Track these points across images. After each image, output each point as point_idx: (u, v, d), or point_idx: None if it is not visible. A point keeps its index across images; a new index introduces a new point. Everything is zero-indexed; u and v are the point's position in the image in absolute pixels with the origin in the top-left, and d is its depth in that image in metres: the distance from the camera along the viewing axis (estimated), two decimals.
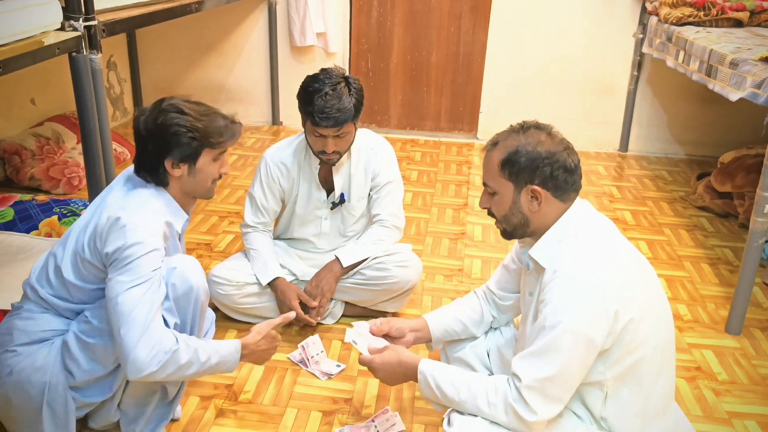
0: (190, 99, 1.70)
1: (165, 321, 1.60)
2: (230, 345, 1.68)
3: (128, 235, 1.53)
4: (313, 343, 2.18)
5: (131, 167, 1.75)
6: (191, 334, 1.68)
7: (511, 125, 1.55)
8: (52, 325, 1.65)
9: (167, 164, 1.63)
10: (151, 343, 1.50)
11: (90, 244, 1.59)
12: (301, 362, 2.18)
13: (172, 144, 1.61)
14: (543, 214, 1.50)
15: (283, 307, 2.26)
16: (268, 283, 2.27)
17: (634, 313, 1.40)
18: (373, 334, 1.79)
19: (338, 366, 2.17)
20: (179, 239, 1.81)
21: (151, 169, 1.65)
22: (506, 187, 1.51)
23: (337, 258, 2.29)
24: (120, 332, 1.51)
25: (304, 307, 2.27)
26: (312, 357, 2.16)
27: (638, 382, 1.46)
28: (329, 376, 2.13)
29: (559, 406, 1.43)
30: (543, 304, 1.42)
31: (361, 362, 1.71)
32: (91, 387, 1.65)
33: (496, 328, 1.87)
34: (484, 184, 1.57)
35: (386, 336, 1.81)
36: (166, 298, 1.61)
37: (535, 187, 1.47)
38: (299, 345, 2.19)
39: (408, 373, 1.63)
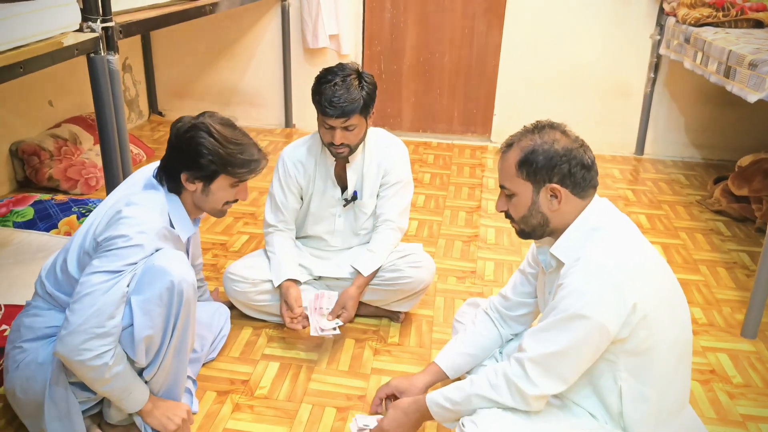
0: (230, 121, 1.75)
1: (140, 324, 1.58)
2: (145, 393, 1.68)
3: (121, 228, 1.57)
4: (329, 297, 2.23)
5: (148, 168, 1.79)
6: (173, 330, 1.65)
7: (524, 126, 1.55)
8: (56, 322, 1.67)
9: (183, 177, 1.69)
10: (91, 331, 1.50)
11: (93, 235, 1.63)
12: (308, 308, 2.20)
13: (191, 161, 1.67)
14: (563, 213, 1.50)
15: (281, 307, 2.27)
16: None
17: (651, 308, 1.40)
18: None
19: (334, 329, 2.17)
20: (189, 245, 1.84)
21: (169, 175, 1.71)
22: (525, 187, 1.51)
23: (357, 271, 2.29)
24: (71, 307, 1.53)
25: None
26: (320, 308, 2.19)
27: (654, 379, 1.46)
28: (320, 332, 2.13)
29: (560, 385, 1.43)
30: (561, 287, 1.42)
31: None
32: None
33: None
34: (501, 186, 1.56)
35: (393, 396, 1.84)
36: (141, 294, 1.58)
37: (555, 186, 1.47)
38: (316, 293, 2.24)
39: (419, 413, 1.64)
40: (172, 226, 1.73)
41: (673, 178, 4.05)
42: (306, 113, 4.57)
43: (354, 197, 2.33)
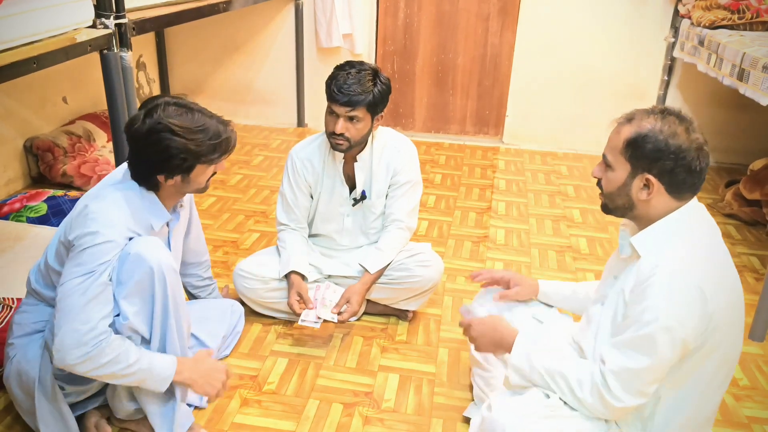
0: (184, 103, 1.64)
1: (124, 311, 1.56)
2: (167, 357, 1.63)
3: (89, 224, 1.54)
4: (334, 290, 2.27)
5: (124, 164, 1.73)
6: (164, 318, 1.62)
7: (654, 105, 1.49)
8: (43, 317, 1.69)
9: (160, 178, 1.64)
10: (77, 332, 1.48)
11: (65, 229, 1.63)
12: (314, 298, 2.24)
13: (164, 162, 1.60)
14: (650, 205, 1.45)
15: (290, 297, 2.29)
16: (285, 276, 2.31)
17: (722, 321, 1.38)
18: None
19: (321, 319, 2.20)
20: (170, 237, 1.82)
21: (143, 178, 1.65)
22: (623, 166, 1.46)
23: (364, 269, 2.31)
24: (55, 317, 1.53)
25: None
26: (323, 299, 2.23)
27: (696, 392, 1.44)
28: (315, 324, 2.17)
29: (641, 399, 1.41)
30: (641, 298, 1.38)
31: (461, 324, 1.76)
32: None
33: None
34: (604, 156, 1.52)
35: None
36: (122, 284, 1.56)
37: (650, 177, 1.42)
38: (324, 282, 2.29)
39: (508, 342, 1.60)
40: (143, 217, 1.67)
41: None
42: (318, 113, 4.58)
43: (363, 197, 2.34)
